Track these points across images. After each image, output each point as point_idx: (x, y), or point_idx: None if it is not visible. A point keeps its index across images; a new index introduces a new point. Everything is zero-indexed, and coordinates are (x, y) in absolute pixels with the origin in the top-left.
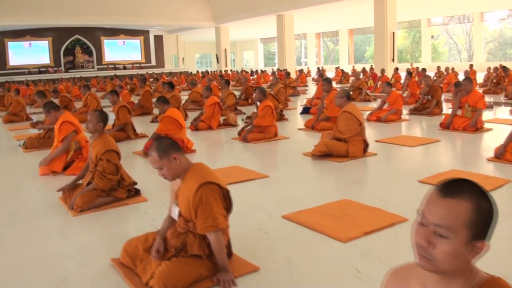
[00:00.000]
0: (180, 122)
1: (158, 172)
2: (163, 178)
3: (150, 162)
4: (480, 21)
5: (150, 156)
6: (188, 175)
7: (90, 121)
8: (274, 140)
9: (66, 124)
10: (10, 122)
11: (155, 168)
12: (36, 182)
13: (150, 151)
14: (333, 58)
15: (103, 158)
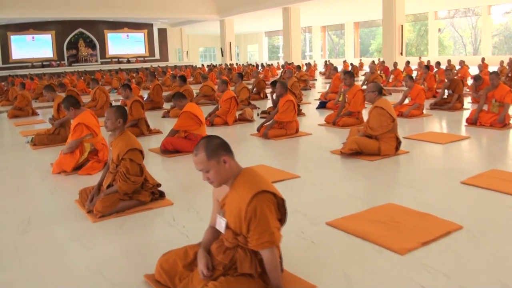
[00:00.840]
0: (200, 117)
1: (203, 175)
2: (208, 182)
3: (195, 162)
4: (488, 14)
5: (196, 155)
6: (238, 181)
7: (108, 118)
8: (295, 137)
9: (80, 127)
10: (16, 117)
11: (199, 170)
12: (48, 182)
13: (197, 150)
14: (338, 52)
15: (126, 158)
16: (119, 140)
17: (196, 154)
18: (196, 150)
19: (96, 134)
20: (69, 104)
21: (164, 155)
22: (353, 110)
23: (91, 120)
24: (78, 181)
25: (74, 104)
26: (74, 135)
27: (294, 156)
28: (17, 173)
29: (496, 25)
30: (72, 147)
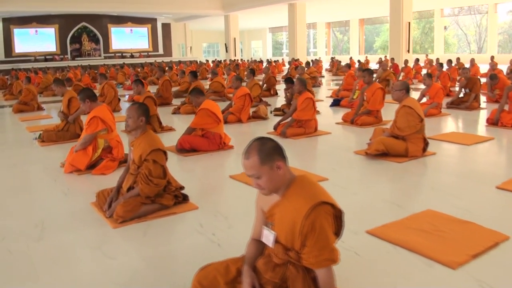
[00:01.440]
0: (218, 115)
1: (253, 181)
2: (258, 189)
3: (245, 167)
4: (494, 12)
5: (248, 159)
6: (292, 190)
7: (130, 116)
8: (314, 136)
9: (96, 120)
10: (21, 111)
11: (249, 175)
12: (60, 182)
13: (248, 153)
14: (342, 49)
15: (148, 159)
16: (141, 140)
17: (247, 158)
18: (247, 153)
19: (111, 130)
20: (85, 96)
21: (180, 154)
22: (372, 108)
23: (107, 115)
24: (92, 182)
25: (91, 97)
26: (89, 129)
27: (317, 157)
28: (26, 172)
29: (500, 23)
30: (86, 142)
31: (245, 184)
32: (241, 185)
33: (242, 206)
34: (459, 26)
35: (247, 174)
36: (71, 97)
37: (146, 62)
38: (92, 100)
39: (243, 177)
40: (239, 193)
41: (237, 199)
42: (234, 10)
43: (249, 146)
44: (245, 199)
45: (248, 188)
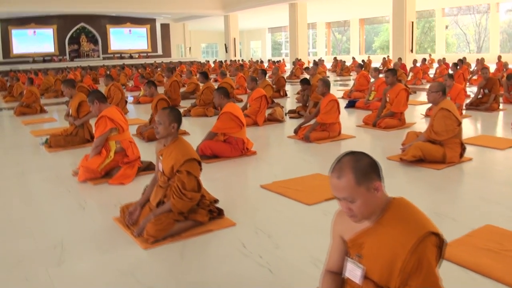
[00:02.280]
0: (241, 119)
1: (343, 205)
2: (349, 215)
3: (336, 187)
4: (496, 12)
5: (340, 178)
6: (390, 217)
7: (160, 122)
8: (338, 140)
9: (104, 120)
10: (23, 114)
11: (340, 197)
12: (75, 193)
13: (340, 170)
14: (341, 49)
15: (182, 170)
16: (173, 148)
17: (339, 177)
18: (338, 170)
19: (122, 130)
20: (94, 97)
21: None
22: (395, 110)
23: (115, 114)
24: (111, 192)
25: (100, 98)
26: (98, 130)
27: None
28: (36, 182)
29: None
30: (98, 146)
31: (280, 196)
32: (276, 197)
33: (284, 222)
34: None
35: (336, 196)
36: (81, 100)
37: (145, 62)
38: (101, 101)
39: (276, 187)
40: (276, 205)
41: (276, 213)
42: (234, 10)
43: (340, 162)
44: (286, 214)
45: (285, 201)
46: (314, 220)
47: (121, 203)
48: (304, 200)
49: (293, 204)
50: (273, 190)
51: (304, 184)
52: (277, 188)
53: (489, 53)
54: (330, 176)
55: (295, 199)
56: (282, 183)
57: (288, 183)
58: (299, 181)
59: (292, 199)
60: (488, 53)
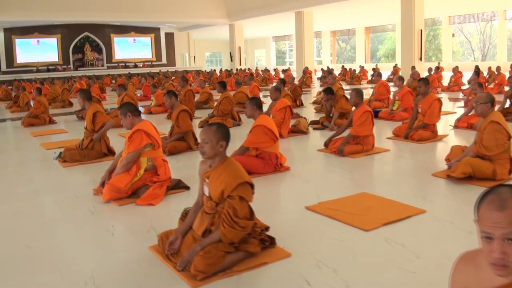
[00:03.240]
0: (275, 132)
1: (497, 247)
2: (500, 263)
3: (498, 221)
4: (504, 19)
5: (503, 210)
6: None
7: (206, 141)
8: (373, 154)
9: (139, 134)
10: (31, 125)
11: (504, 233)
12: (101, 216)
13: (503, 201)
14: (345, 57)
15: (234, 196)
16: (222, 170)
17: (502, 208)
18: (502, 201)
19: (158, 146)
20: (127, 110)
21: None
22: (429, 122)
23: (151, 129)
24: (140, 214)
25: (133, 111)
26: (132, 145)
27: (393, 181)
28: (54, 202)
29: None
30: (129, 162)
31: (330, 219)
32: (326, 221)
33: (345, 252)
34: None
35: (499, 232)
36: (96, 111)
37: (150, 71)
38: (134, 115)
39: (324, 209)
40: (329, 231)
41: (333, 241)
42: (239, 19)
43: (503, 194)
44: (345, 242)
45: (338, 225)
46: (378, 250)
47: (154, 228)
48: (360, 225)
49: (349, 230)
50: (322, 212)
51: (355, 206)
52: (325, 211)
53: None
54: (487, 208)
55: (349, 224)
56: (329, 204)
57: (335, 204)
58: (347, 202)
59: (345, 224)
60: (495, 61)
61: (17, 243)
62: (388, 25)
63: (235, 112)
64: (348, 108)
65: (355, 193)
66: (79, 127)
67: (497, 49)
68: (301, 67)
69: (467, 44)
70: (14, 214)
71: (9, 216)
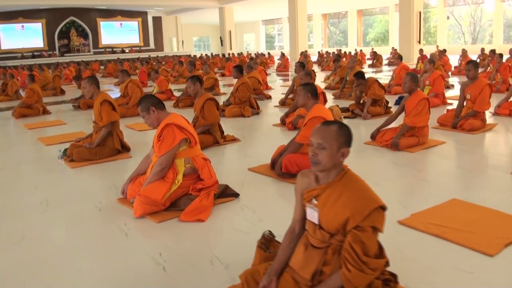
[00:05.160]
0: None
1: None
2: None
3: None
4: (500, 1)
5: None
6: None
7: (323, 146)
8: (430, 147)
9: (171, 129)
10: (23, 116)
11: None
12: (137, 237)
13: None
14: (335, 41)
15: (365, 227)
16: (343, 189)
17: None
18: None
19: (194, 142)
20: (149, 103)
21: (282, 180)
22: (479, 109)
23: (183, 122)
24: (191, 236)
25: (156, 104)
26: (163, 146)
27: (474, 182)
28: (71, 217)
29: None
30: (165, 167)
31: (434, 238)
32: (430, 240)
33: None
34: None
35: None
36: (103, 100)
37: (139, 57)
38: (159, 108)
39: (421, 223)
40: (445, 257)
41: (459, 272)
42: (229, 2)
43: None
44: (474, 274)
45: (449, 247)
46: None
47: (217, 257)
48: (481, 247)
49: (469, 255)
50: (423, 229)
51: (456, 219)
52: (425, 227)
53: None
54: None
55: (465, 246)
56: (423, 217)
57: (431, 216)
58: (443, 213)
59: (459, 245)
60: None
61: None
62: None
63: (253, 99)
64: (381, 95)
65: (443, 200)
66: (78, 118)
67: (493, 32)
68: (294, 51)
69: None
70: (21, 239)
71: (15, 241)
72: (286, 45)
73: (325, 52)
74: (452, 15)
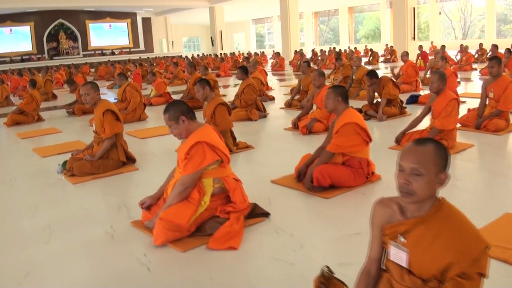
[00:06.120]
0: (368, 132)
1: None
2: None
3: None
4: None
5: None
6: None
7: (420, 171)
8: (460, 151)
9: (201, 148)
10: (16, 124)
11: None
12: (163, 274)
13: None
14: (325, 39)
15: (471, 275)
16: (441, 226)
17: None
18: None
19: (227, 160)
20: (179, 112)
21: (312, 193)
22: (504, 109)
23: (215, 138)
24: (226, 267)
25: (187, 113)
26: (191, 165)
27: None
28: (80, 247)
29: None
30: (188, 187)
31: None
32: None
33: None
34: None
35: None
36: (106, 109)
37: (130, 59)
38: (189, 118)
39: (504, 253)
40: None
41: None
42: (220, 1)
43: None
44: None
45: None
46: None
47: None
48: None
49: None
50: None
51: None
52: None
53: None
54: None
55: None
56: None
57: (490, 236)
58: (503, 231)
59: None
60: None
61: None
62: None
63: (259, 102)
64: (396, 94)
65: (495, 215)
66: (73, 125)
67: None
68: (287, 50)
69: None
70: (24, 277)
71: (17, 280)
72: (277, 44)
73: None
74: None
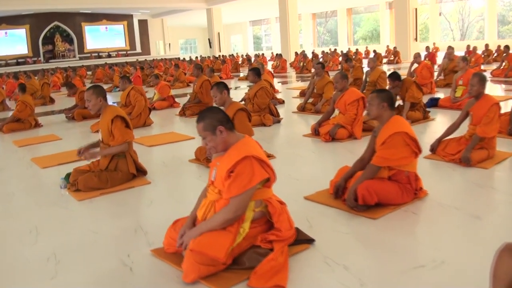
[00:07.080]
0: (417, 142)
1: None
2: None
3: None
4: None
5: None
6: None
7: None
8: (502, 160)
9: (249, 164)
10: (12, 131)
11: None
12: None
13: None
14: (323, 40)
15: None
16: None
17: None
18: None
19: (274, 179)
20: (217, 122)
21: (355, 213)
22: None
23: (261, 152)
24: None
25: (226, 123)
26: (237, 185)
27: None
28: (96, 284)
29: (479, 9)
30: (239, 215)
31: None
32: None
33: None
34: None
35: None
36: (115, 116)
37: (126, 61)
38: (228, 128)
39: None
40: None
41: None
42: (217, 3)
43: None
44: None
45: None
46: None
47: None
48: None
49: None
50: None
51: None
52: None
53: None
54: None
55: None
56: None
57: None
58: None
59: None
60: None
61: None
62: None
63: (272, 106)
64: (419, 97)
65: None
66: (73, 131)
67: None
68: (286, 52)
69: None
70: None
71: None
72: (274, 46)
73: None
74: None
